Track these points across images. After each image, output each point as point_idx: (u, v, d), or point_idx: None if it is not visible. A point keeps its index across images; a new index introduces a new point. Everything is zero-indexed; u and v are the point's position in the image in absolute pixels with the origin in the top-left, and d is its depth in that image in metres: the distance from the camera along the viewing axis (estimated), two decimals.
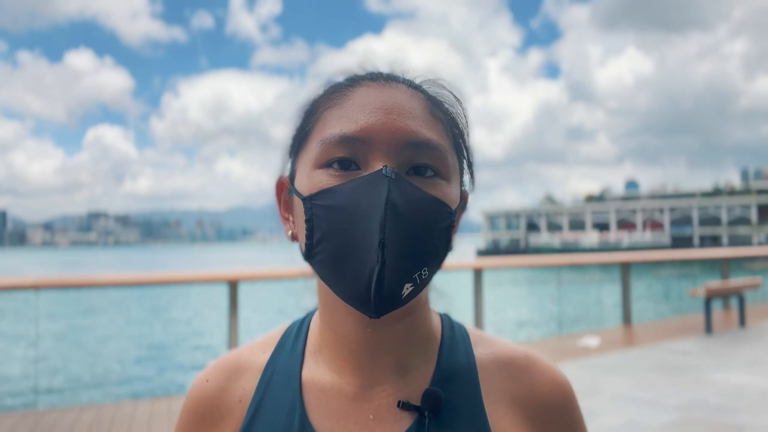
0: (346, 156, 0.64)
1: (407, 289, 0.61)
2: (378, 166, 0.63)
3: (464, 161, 0.73)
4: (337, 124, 0.65)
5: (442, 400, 0.67)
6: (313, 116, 0.69)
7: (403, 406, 0.67)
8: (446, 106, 0.71)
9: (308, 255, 0.65)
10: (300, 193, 0.66)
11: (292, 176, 0.71)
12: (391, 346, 0.69)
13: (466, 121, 0.73)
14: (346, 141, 0.64)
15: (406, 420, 0.67)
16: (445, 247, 0.66)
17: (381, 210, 0.58)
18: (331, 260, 0.62)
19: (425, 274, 0.63)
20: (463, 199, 0.72)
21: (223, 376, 0.75)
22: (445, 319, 0.78)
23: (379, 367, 0.69)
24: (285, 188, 0.75)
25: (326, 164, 0.65)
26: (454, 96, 0.73)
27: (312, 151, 0.66)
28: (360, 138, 0.63)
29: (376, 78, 0.69)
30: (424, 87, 0.71)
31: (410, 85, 0.70)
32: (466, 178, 0.74)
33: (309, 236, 0.64)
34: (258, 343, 0.79)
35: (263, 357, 0.76)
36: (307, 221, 0.64)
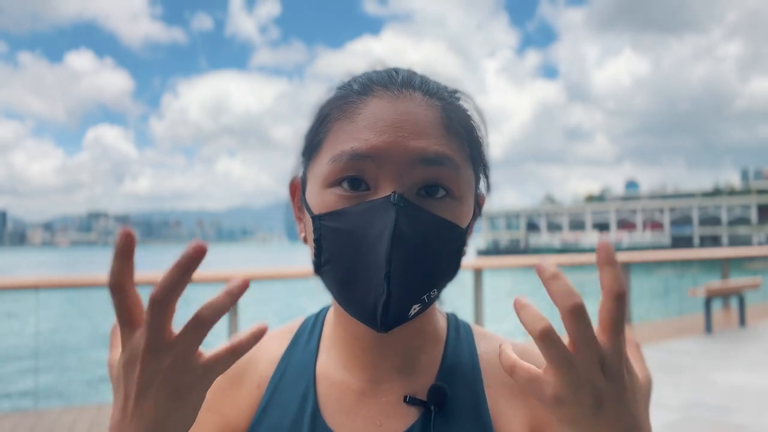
0: (356, 175, 0.63)
1: (414, 309, 0.64)
2: (387, 187, 0.62)
3: (480, 168, 0.72)
4: (347, 141, 0.64)
5: (448, 395, 0.69)
6: (324, 125, 0.68)
7: (410, 400, 0.69)
8: (462, 114, 0.69)
9: (317, 269, 0.67)
10: (310, 209, 0.67)
11: (303, 184, 0.72)
12: (399, 345, 0.72)
13: (484, 127, 0.72)
14: (355, 160, 0.63)
15: (413, 415, 0.69)
16: (455, 267, 0.67)
17: (387, 242, 0.59)
18: (338, 280, 0.65)
19: (434, 294, 0.66)
20: (479, 204, 0.73)
21: (242, 362, 0.76)
22: (451, 318, 0.80)
23: (386, 364, 0.72)
24: (298, 191, 0.75)
25: (335, 183, 0.64)
26: (472, 102, 0.72)
27: (322, 166, 0.66)
28: (369, 157, 0.62)
29: (389, 87, 0.66)
30: (440, 94, 0.68)
31: (426, 92, 0.67)
32: (482, 183, 0.74)
33: (317, 254, 0.66)
34: (274, 333, 0.80)
35: (280, 348, 0.78)
36: (315, 240, 0.65)
